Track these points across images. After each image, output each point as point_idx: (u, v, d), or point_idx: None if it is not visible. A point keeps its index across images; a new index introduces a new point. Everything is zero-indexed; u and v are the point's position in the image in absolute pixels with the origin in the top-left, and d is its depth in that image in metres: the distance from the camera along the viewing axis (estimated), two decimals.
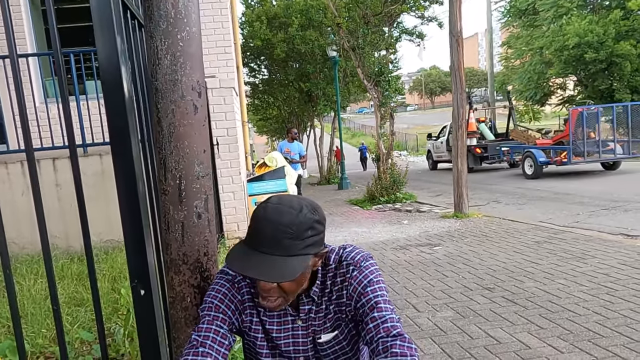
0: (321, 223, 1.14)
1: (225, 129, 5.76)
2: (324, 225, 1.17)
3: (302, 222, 1.09)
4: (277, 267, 1.07)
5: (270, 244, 1.08)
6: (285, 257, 1.08)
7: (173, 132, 1.26)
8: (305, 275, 1.16)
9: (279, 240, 1.07)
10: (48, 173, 5.05)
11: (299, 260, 1.09)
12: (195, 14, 1.28)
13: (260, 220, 1.10)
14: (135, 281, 1.39)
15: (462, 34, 7.28)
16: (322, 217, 1.16)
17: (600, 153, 11.77)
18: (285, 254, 1.08)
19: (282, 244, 1.08)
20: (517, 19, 23.60)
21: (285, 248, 1.08)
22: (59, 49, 1.44)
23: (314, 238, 1.11)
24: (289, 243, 1.08)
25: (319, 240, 1.14)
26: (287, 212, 1.09)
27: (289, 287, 1.13)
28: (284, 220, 1.08)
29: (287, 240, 1.08)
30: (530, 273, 4.03)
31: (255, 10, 16.85)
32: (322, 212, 1.17)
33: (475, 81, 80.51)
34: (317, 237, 1.13)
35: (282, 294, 1.15)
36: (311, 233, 1.10)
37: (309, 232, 1.10)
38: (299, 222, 1.08)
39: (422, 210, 8.47)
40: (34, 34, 6.46)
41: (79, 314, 3.21)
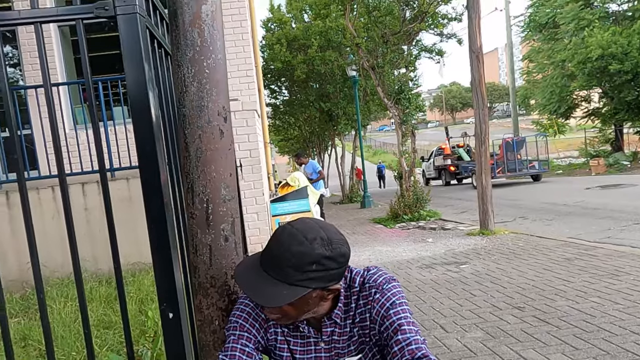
0: (334, 260, 1.10)
1: (248, 150, 5.83)
2: (340, 262, 1.12)
3: (309, 255, 1.07)
4: (267, 290, 1.08)
5: (272, 265, 1.10)
6: (279, 283, 1.08)
7: (200, 157, 1.28)
8: (309, 304, 1.14)
9: (280, 266, 1.08)
10: (77, 197, 5.17)
11: (293, 290, 1.08)
12: (220, 41, 1.32)
13: (274, 240, 1.12)
14: (163, 304, 1.40)
15: (482, 49, 7.27)
16: (339, 254, 1.12)
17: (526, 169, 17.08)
18: (281, 279, 1.08)
19: (282, 270, 1.08)
20: (537, 32, 23.44)
21: (283, 274, 1.08)
22: (89, 77, 1.49)
23: (318, 273, 1.09)
24: (287, 270, 1.08)
25: (327, 276, 1.11)
26: (298, 241, 1.08)
27: (287, 310, 1.13)
28: (292, 248, 1.08)
29: (286, 267, 1.08)
30: (562, 291, 3.91)
31: (275, 34, 17.17)
32: (342, 249, 1.13)
33: (496, 96, 79.88)
34: (323, 272, 1.10)
35: (282, 314, 1.14)
36: (316, 267, 1.08)
37: (312, 267, 1.08)
38: (304, 254, 1.07)
39: (447, 227, 8.35)
40: (64, 63, 6.72)
41: (107, 336, 3.24)
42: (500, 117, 78.04)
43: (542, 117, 26.15)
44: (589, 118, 22.62)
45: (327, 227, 1.15)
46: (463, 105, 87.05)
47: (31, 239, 1.47)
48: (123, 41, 1.37)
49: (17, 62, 6.94)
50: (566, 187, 13.74)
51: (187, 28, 1.27)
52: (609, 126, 22.01)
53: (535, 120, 27.38)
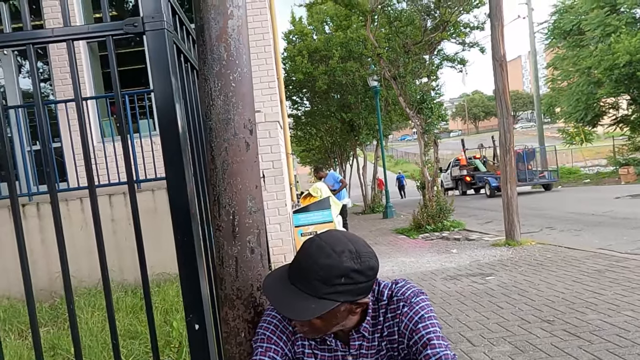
0: (362, 273, 1.10)
1: (271, 161, 5.87)
2: (368, 275, 1.12)
3: (337, 268, 1.07)
4: (295, 302, 1.08)
5: (300, 278, 1.10)
6: (308, 296, 1.08)
7: (226, 169, 1.30)
8: (338, 318, 1.13)
9: (308, 279, 1.08)
10: (104, 208, 5.28)
11: (321, 303, 1.07)
12: (246, 55, 1.34)
13: (302, 252, 1.12)
14: (190, 315, 1.41)
15: (506, 58, 7.18)
16: (368, 267, 1.11)
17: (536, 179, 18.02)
18: (309, 292, 1.08)
19: (310, 282, 1.08)
20: (562, 39, 23.08)
21: (311, 287, 1.08)
22: (119, 91, 1.53)
23: (346, 286, 1.08)
24: (315, 284, 1.07)
25: (355, 290, 1.10)
26: (327, 254, 1.08)
27: (316, 323, 1.12)
28: (320, 261, 1.08)
29: (314, 280, 1.07)
30: (593, 304, 3.79)
31: (297, 46, 17.34)
32: (370, 262, 1.12)
33: (520, 104, 78.72)
34: (352, 286, 1.09)
35: (310, 327, 1.14)
36: (344, 281, 1.08)
37: (341, 280, 1.07)
38: (333, 267, 1.07)
39: (472, 238, 8.21)
40: (92, 77, 6.91)
41: (133, 346, 3.27)
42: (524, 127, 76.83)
43: (568, 125, 25.62)
44: (617, 125, 22.07)
45: (355, 240, 1.14)
46: (486, 114, 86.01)
47: (62, 250, 1.51)
48: (151, 56, 1.40)
49: (47, 77, 7.17)
50: (595, 197, 13.40)
51: (214, 43, 1.29)
52: (638, 133, 21.43)
53: (561, 129, 26.84)
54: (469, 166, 21.85)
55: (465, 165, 22.01)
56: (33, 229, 5.26)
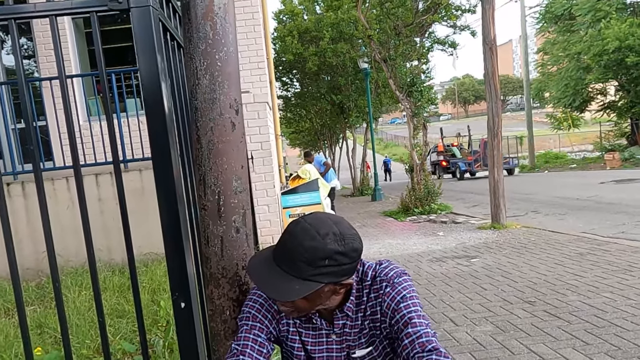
0: (346, 255, 1.11)
1: (260, 142, 5.85)
2: (352, 257, 1.13)
3: (321, 250, 1.08)
4: (280, 285, 1.09)
5: (285, 260, 1.10)
6: (293, 278, 1.09)
7: (212, 149, 1.30)
8: (322, 298, 1.15)
9: (293, 259, 1.09)
10: (91, 188, 5.24)
11: (306, 285, 1.09)
12: (232, 34, 1.33)
13: (287, 233, 1.13)
14: (176, 294, 1.43)
15: (496, 42, 7.18)
16: (351, 249, 1.12)
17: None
18: (294, 274, 1.09)
19: (294, 263, 1.09)
20: (553, 24, 23.10)
21: (296, 268, 1.09)
22: (104, 69, 1.51)
23: (331, 268, 1.10)
24: (300, 265, 1.08)
25: (339, 271, 1.12)
26: (311, 236, 1.09)
27: (300, 304, 1.14)
28: (305, 243, 1.09)
29: (299, 262, 1.08)
30: (574, 286, 3.89)
31: (287, 26, 17.12)
32: (354, 244, 1.13)
33: (510, 88, 78.95)
34: (335, 267, 1.10)
35: (294, 307, 1.16)
36: (328, 263, 1.09)
37: (325, 262, 1.09)
38: (317, 249, 1.08)
39: (458, 221, 8.31)
40: (77, 55, 6.78)
41: (120, 325, 3.30)
42: (513, 110, 77.21)
43: (556, 110, 25.81)
44: (605, 111, 22.28)
45: (339, 222, 1.15)
46: (476, 98, 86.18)
47: (47, 229, 1.50)
48: (136, 33, 1.39)
49: (32, 54, 7.02)
50: (580, 181, 13.59)
51: (200, 21, 1.28)
52: (624, 120, 21.67)
53: (550, 114, 27.03)
54: (447, 152, 24.04)
55: (442, 152, 24.19)
56: (19, 208, 5.21)
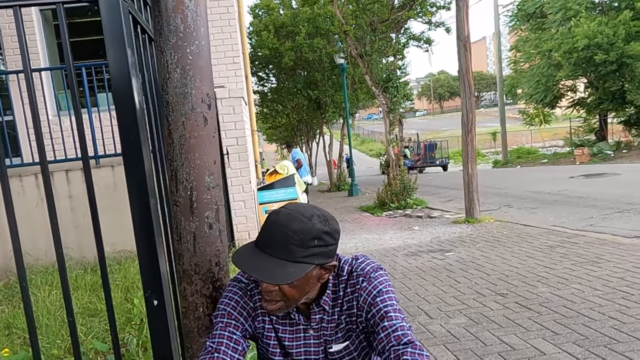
0: (331, 235, 1.15)
1: (235, 138, 5.80)
2: (335, 238, 1.17)
3: (310, 230, 1.11)
4: (275, 269, 1.10)
5: (275, 247, 1.11)
6: (286, 262, 1.10)
7: (184, 144, 1.28)
8: (309, 284, 1.17)
9: (283, 244, 1.10)
10: (61, 185, 5.11)
11: (299, 267, 1.11)
12: (204, 27, 1.31)
13: (271, 223, 1.14)
14: (148, 292, 1.41)
15: (470, 38, 7.28)
16: (334, 230, 1.17)
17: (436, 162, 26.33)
18: (287, 258, 1.10)
19: (287, 248, 1.10)
20: (525, 22, 23.54)
21: (288, 253, 1.10)
22: (71, 62, 1.47)
23: (320, 249, 1.13)
24: (292, 248, 1.10)
25: (327, 252, 1.15)
26: (298, 219, 1.12)
27: (290, 292, 1.15)
28: (292, 226, 1.11)
29: (291, 245, 1.10)
30: (544, 278, 3.99)
31: (263, 20, 16.98)
32: (335, 225, 1.18)
33: (484, 85, 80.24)
34: (323, 248, 1.14)
35: (284, 299, 1.16)
36: (317, 243, 1.12)
37: (315, 242, 1.11)
38: (307, 230, 1.11)
39: (433, 216, 8.43)
40: (46, 48, 6.59)
41: (93, 324, 3.24)
42: (487, 106, 78.52)
43: (528, 107, 26.35)
44: (575, 108, 22.85)
45: (318, 207, 1.20)
46: (451, 94, 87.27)
47: (13, 227, 1.46)
48: (105, 26, 1.36)
49: None
50: (551, 176, 13.92)
51: (170, 14, 1.26)
52: (593, 116, 22.27)
53: (522, 110, 27.59)
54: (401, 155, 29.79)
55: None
56: None
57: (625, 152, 19.19)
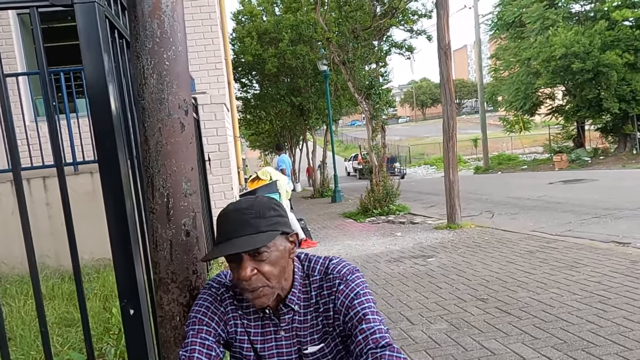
0: (279, 207, 1.20)
1: (217, 144, 5.76)
2: (284, 211, 1.22)
3: (260, 203, 1.16)
4: (248, 240, 1.12)
5: (237, 228, 1.13)
6: (254, 234, 1.12)
7: (160, 151, 1.26)
8: (284, 258, 1.18)
9: (243, 222, 1.13)
10: (38, 192, 5.01)
11: (267, 234, 1.13)
12: (181, 33, 1.30)
13: (223, 216, 1.17)
14: (124, 301, 1.38)
15: (451, 46, 7.38)
16: (277, 204, 1.22)
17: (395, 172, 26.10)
18: (253, 231, 1.12)
19: (248, 223, 1.13)
20: (505, 31, 23.93)
21: (252, 227, 1.13)
22: (45, 67, 1.45)
23: (277, 218, 1.17)
24: (253, 222, 1.13)
25: (283, 222, 1.19)
26: (244, 201, 1.18)
27: (270, 271, 1.15)
28: (243, 206, 1.15)
29: (250, 219, 1.13)
30: (524, 283, 4.04)
31: (246, 27, 16.96)
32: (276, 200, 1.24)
33: (465, 92, 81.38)
34: (280, 218, 1.18)
35: (266, 283, 1.15)
36: (273, 213, 1.16)
37: (271, 212, 1.16)
38: (258, 204, 1.16)
39: (416, 222, 8.47)
40: (24, 52, 6.47)
41: (69, 334, 3.16)
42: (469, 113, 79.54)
43: (508, 114, 26.77)
44: (553, 115, 23.28)
45: None
46: (433, 101, 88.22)
47: None
48: (81, 31, 1.34)
49: None
50: (531, 182, 14.14)
51: (147, 19, 1.25)
52: (571, 123, 22.71)
53: (502, 117, 28.01)
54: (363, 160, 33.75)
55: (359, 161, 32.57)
56: None
57: (602, 158, 19.62)
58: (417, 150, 41.41)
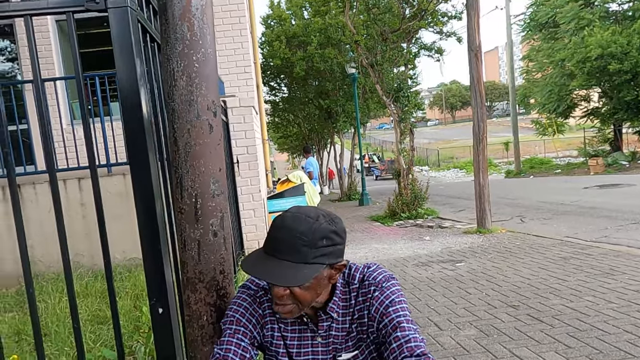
0: (338, 234, 1.15)
1: (245, 147, 5.82)
2: (343, 237, 1.17)
3: (318, 230, 1.10)
4: (287, 272, 1.08)
5: (285, 250, 1.10)
6: (297, 264, 1.09)
7: (189, 152, 1.28)
8: (321, 285, 1.16)
9: (293, 247, 1.09)
10: (74, 192, 5.17)
11: (311, 268, 1.10)
12: (210, 35, 1.31)
13: (277, 227, 1.13)
14: (153, 299, 1.40)
15: (481, 48, 7.25)
16: (341, 229, 1.16)
17: None
18: (298, 260, 1.09)
19: (296, 250, 1.09)
20: (538, 32, 23.39)
21: (299, 254, 1.09)
22: (80, 72, 1.49)
23: (329, 248, 1.12)
24: (302, 250, 1.09)
25: (335, 251, 1.14)
26: (304, 220, 1.11)
27: (302, 295, 1.13)
28: (300, 227, 1.10)
29: (301, 247, 1.09)
30: (557, 290, 3.92)
31: (275, 30, 17.12)
32: (341, 224, 1.17)
33: (496, 95, 79.91)
34: (332, 247, 1.13)
35: (296, 302, 1.14)
36: (326, 243, 1.11)
37: (323, 242, 1.11)
38: (315, 230, 1.10)
39: (444, 226, 8.35)
40: (61, 58, 6.70)
41: (102, 331, 3.24)
42: (500, 116, 78.10)
43: (541, 117, 26.12)
44: (588, 117, 22.59)
45: (320, 208, 1.20)
46: (463, 103, 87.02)
47: (21, 235, 1.48)
48: (114, 35, 1.37)
49: (14, 57, 6.92)
50: (564, 187, 13.75)
51: (177, 22, 1.27)
52: (607, 126, 21.99)
53: (535, 120, 27.35)
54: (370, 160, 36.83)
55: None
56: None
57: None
58: (446, 154, 40.89)
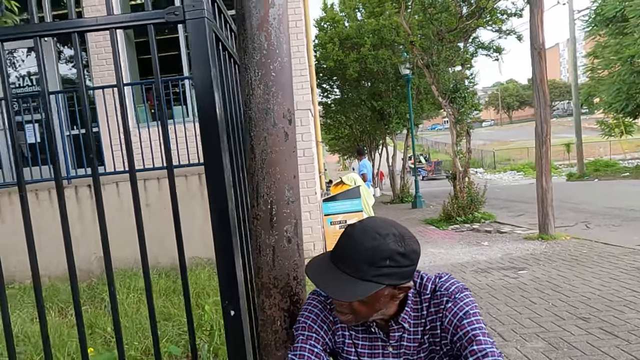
0: (406, 257, 1.11)
1: (302, 149, 5.87)
2: (411, 259, 1.12)
3: (383, 250, 1.08)
4: (343, 285, 1.08)
5: (346, 262, 1.10)
6: (355, 279, 1.08)
7: (265, 159, 1.30)
8: (380, 302, 1.14)
9: (355, 262, 1.08)
10: (140, 193, 5.40)
11: (368, 285, 1.08)
12: (286, 44, 1.33)
13: (346, 237, 1.13)
14: (226, 302, 1.43)
15: (545, 46, 6.95)
16: (411, 250, 1.12)
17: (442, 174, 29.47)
18: (356, 275, 1.08)
19: (357, 266, 1.08)
20: (604, 27, 22.13)
21: (358, 270, 1.08)
22: (159, 78, 1.55)
23: (391, 269, 1.09)
24: (362, 267, 1.08)
25: (400, 273, 1.11)
26: (372, 237, 1.09)
27: (358, 308, 1.13)
28: (365, 243, 1.08)
29: (362, 263, 1.08)
30: (632, 303, 3.68)
31: (328, 33, 17.18)
32: (413, 245, 1.13)
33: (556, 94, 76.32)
34: (396, 269, 1.10)
35: (353, 313, 1.14)
36: (389, 263, 1.08)
37: (386, 262, 1.08)
38: (379, 250, 1.08)
39: (503, 231, 8.06)
40: (128, 64, 7.03)
41: (166, 328, 3.36)
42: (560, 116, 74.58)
43: (607, 116, 24.69)
44: None
45: (398, 224, 1.15)
46: (520, 103, 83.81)
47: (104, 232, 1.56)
48: (192, 44, 1.41)
49: (85, 64, 7.34)
50: (634, 190, 12.92)
51: (255, 32, 1.29)
52: None
53: (600, 120, 25.90)
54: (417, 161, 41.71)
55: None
56: (71, 211, 5.43)
57: None
58: (502, 155, 39.49)
